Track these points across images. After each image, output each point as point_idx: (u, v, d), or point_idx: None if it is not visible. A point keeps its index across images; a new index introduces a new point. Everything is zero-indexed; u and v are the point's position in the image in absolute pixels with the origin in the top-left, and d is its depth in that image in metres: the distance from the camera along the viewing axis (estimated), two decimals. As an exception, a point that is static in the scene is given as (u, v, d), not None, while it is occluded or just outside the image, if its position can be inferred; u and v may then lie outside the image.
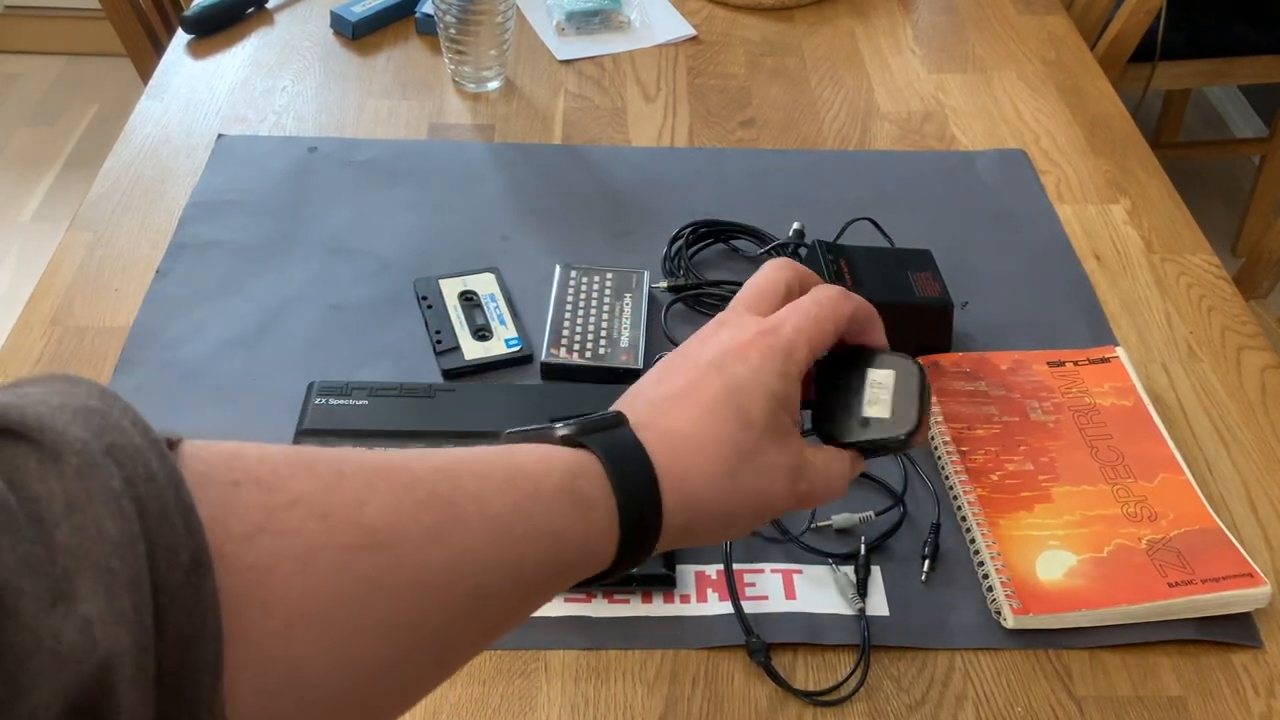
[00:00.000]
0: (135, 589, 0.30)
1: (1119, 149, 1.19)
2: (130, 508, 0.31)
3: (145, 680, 0.30)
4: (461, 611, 0.41)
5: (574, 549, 0.45)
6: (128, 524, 0.30)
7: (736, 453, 0.50)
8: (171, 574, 0.31)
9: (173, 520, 0.32)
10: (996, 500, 0.80)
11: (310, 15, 1.34)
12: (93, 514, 0.30)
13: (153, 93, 1.21)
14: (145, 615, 0.30)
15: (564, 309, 0.94)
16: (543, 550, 0.44)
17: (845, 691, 0.70)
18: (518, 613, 0.44)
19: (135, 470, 0.32)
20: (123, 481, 0.31)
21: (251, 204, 1.06)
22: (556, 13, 1.35)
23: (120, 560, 0.30)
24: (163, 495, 0.32)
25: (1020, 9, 1.43)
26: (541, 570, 0.44)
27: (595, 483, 0.46)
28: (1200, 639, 0.74)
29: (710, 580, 0.76)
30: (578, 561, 0.46)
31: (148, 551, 0.31)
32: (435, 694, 0.69)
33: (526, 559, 0.43)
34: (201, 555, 0.32)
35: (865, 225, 1.03)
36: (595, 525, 0.46)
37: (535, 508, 0.44)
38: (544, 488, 0.44)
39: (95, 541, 0.30)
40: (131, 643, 0.29)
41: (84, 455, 0.31)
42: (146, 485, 0.32)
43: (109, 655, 0.29)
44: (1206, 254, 1.06)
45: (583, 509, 0.45)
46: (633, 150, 1.16)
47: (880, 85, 1.28)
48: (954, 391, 0.87)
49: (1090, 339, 0.95)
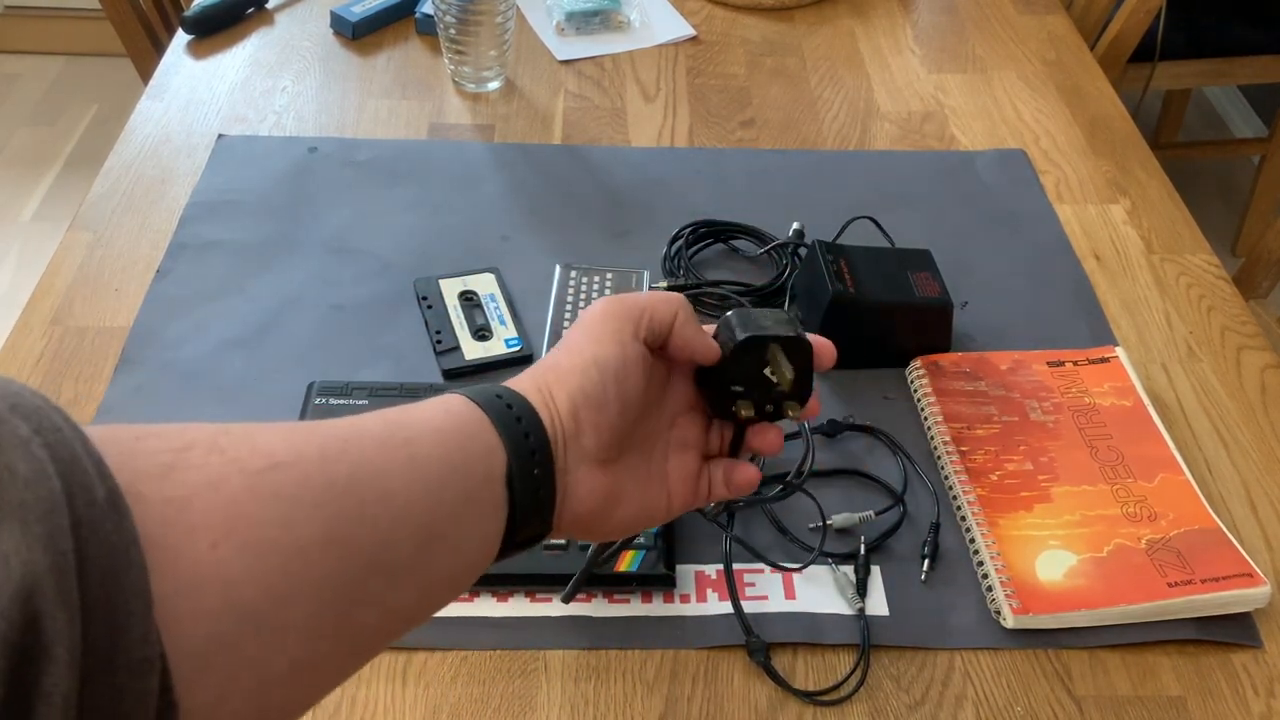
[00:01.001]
0: (48, 518, 0.30)
1: (1119, 149, 1.19)
2: (41, 452, 0.31)
3: (70, 604, 0.30)
4: (382, 522, 0.42)
5: (453, 441, 0.47)
6: (39, 463, 0.31)
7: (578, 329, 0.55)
8: (89, 509, 0.32)
9: (83, 464, 0.32)
10: (996, 500, 0.80)
11: (310, 15, 1.35)
12: (2, 460, 0.30)
13: (153, 93, 1.21)
14: (63, 541, 0.30)
15: (564, 309, 0.94)
16: (430, 448, 0.46)
17: (845, 691, 0.70)
18: (438, 530, 0.45)
19: (41, 423, 0.32)
20: (30, 431, 0.32)
21: (252, 204, 1.06)
22: (556, 13, 1.35)
23: (32, 494, 0.30)
24: (71, 444, 0.33)
25: (1020, 9, 1.43)
26: (437, 465, 0.46)
27: (458, 400, 0.50)
28: (1200, 639, 0.74)
29: (710, 580, 0.76)
30: (465, 450, 0.48)
31: (63, 489, 0.31)
32: (435, 694, 0.69)
33: (418, 457, 0.45)
34: (116, 495, 0.33)
35: (865, 225, 1.03)
36: (470, 420, 0.49)
37: (407, 418, 0.47)
38: (412, 410, 0.48)
39: (9, 484, 0.30)
40: (49, 563, 0.30)
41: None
42: (53, 435, 0.32)
43: (28, 579, 0.29)
44: (1206, 254, 1.06)
45: (451, 411, 0.49)
46: (633, 150, 1.16)
47: (880, 85, 1.28)
48: (954, 391, 0.87)
49: (1090, 339, 0.95)
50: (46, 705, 0.29)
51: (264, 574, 0.37)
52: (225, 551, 0.36)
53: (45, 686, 0.29)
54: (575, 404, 0.52)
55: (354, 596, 0.41)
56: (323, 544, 0.39)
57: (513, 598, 0.74)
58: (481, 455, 0.48)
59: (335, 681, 0.43)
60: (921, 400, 0.88)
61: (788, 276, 0.98)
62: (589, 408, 0.52)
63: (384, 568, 0.42)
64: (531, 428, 0.50)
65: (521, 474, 0.49)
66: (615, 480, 0.54)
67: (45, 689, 0.29)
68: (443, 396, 0.50)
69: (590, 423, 0.52)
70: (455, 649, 0.72)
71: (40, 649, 0.29)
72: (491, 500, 0.48)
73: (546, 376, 0.53)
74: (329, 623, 0.40)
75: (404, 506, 0.43)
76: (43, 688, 0.29)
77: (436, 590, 0.46)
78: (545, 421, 0.51)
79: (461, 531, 0.47)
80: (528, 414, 0.50)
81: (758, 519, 0.79)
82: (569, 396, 0.52)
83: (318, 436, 0.42)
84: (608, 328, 0.54)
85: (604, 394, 0.52)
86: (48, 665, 0.29)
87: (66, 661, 0.29)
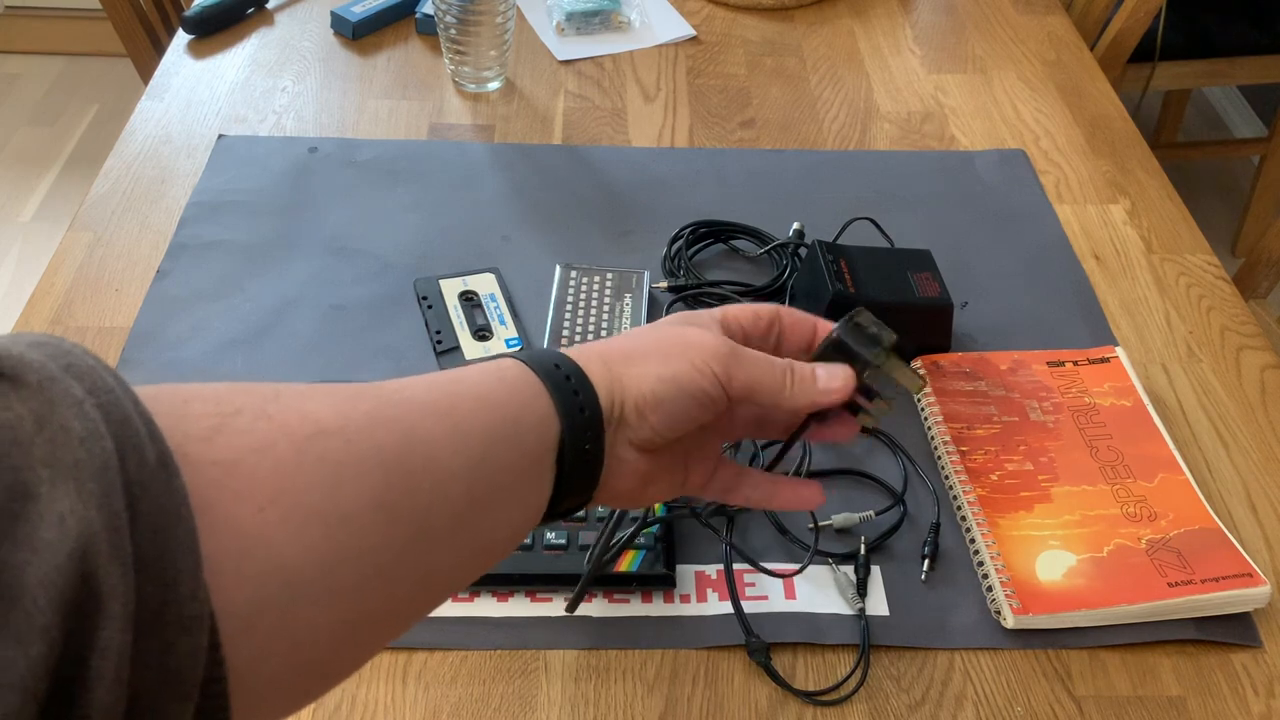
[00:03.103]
0: (102, 476, 0.31)
1: (1119, 149, 1.19)
2: (94, 412, 0.32)
3: (124, 560, 0.30)
4: (425, 490, 0.42)
5: (503, 410, 0.48)
6: (92, 423, 0.31)
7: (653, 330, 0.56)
8: (141, 470, 0.32)
9: (135, 425, 0.33)
10: (996, 500, 0.80)
11: (310, 15, 1.35)
12: (58, 419, 0.31)
13: (153, 93, 1.21)
14: (116, 500, 0.31)
15: (564, 309, 0.94)
16: (478, 416, 0.46)
17: (845, 691, 0.70)
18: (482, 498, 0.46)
19: (94, 383, 0.33)
20: (84, 391, 0.32)
21: (252, 204, 1.06)
22: (556, 13, 1.35)
23: (86, 452, 0.31)
24: (122, 404, 0.33)
25: (1020, 9, 1.43)
26: (484, 434, 0.46)
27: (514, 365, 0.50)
28: (1200, 639, 0.74)
29: (710, 580, 0.76)
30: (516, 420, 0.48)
31: (116, 449, 0.32)
32: (435, 694, 0.69)
33: (465, 425, 0.45)
34: (167, 456, 0.33)
35: (865, 225, 1.03)
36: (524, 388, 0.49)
37: (459, 386, 0.47)
38: (465, 375, 0.49)
39: (64, 443, 0.30)
40: (103, 522, 0.30)
41: (43, 372, 0.32)
42: (106, 395, 0.33)
43: (83, 538, 0.29)
44: (1206, 254, 1.06)
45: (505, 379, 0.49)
46: (633, 150, 1.16)
47: (880, 85, 1.28)
48: (954, 391, 0.87)
49: (1090, 339, 0.95)
50: (101, 659, 0.29)
51: (309, 539, 0.37)
52: (271, 516, 0.36)
53: (100, 641, 0.29)
54: (646, 406, 0.52)
55: (396, 563, 0.41)
56: (368, 511, 0.40)
57: (513, 598, 0.74)
58: (533, 426, 0.48)
59: (374, 648, 0.43)
60: (921, 400, 0.88)
61: (788, 277, 0.98)
62: (659, 416, 0.52)
63: (426, 535, 0.43)
64: (588, 403, 0.50)
65: (573, 448, 0.49)
66: (654, 466, 0.55)
67: (100, 643, 0.29)
68: (498, 361, 0.50)
69: (654, 426, 0.53)
70: (455, 649, 0.72)
71: (95, 604, 0.30)
72: (539, 472, 0.49)
73: (621, 364, 0.53)
74: (370, 590, 0.40)
75: (449, 475, 0.44)
76: (98, 642, 0.29)
77: (477, 557, 0.47)
78: (604, 402, 0.51)
79: (506, 500, 0.47)
80: (585, 389, 0.51)
81: (757, 519, 0.79)
82: (642, 396, 0.52)
83: (365, 402, 0.43)
84: (714, 367, 0.53)
85: (679, 412, 0.53)
86: (102, 620, 0.30)
87: (120, 616, 0.30)
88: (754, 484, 0.60)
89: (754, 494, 0.60)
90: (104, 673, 0.29)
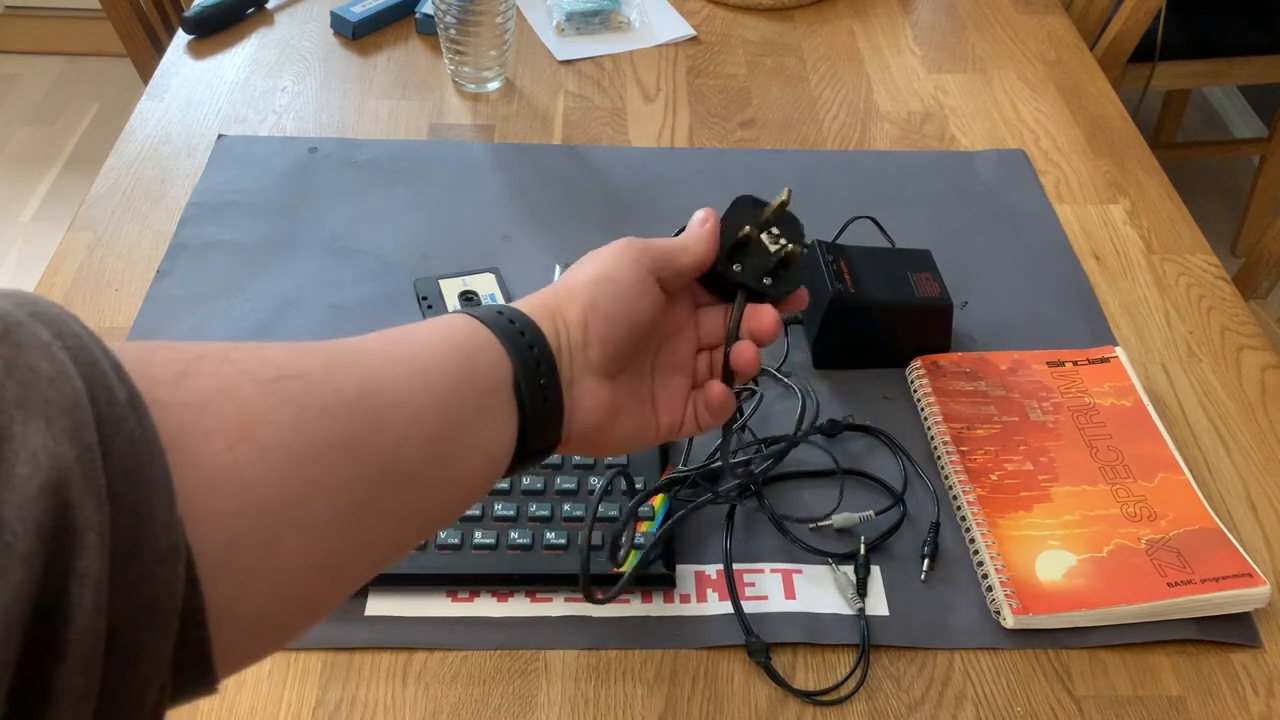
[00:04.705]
0: (73, 413, 0.31)
1: (1118, 149, 1.19)
2: (62, 354, 0.32)
3: (98, 492, 0.31)
4: (394, 429, 0.44)
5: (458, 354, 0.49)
6: (61, 364, 0.32)
7: None
8: (111, 408, 0.33)
9: (103, 367, 0.33)
10: (996, 500, 0.80)
11: (310, 15, 1.35)
12: (25, 361, 0.31)
13: (153, 93, 1.21)
14: (88, 435, 0.31)
15: (564, 309, 0.94)
16: (436, 360, 0.48)
17: (845, 691, 0.70)
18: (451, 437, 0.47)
19: (61, 329, 0.33)
20: (51, 335, 0.33)
21: (252, 204, 1.06)
22: (556, 13, 1.35)
23: (56, 391, 0.31)
24: (90, 349, 0.33)
25: (1020, 9, 1.43)
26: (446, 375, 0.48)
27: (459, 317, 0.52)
28: (1200, 639, 0.74)
29: (710, 580, 0.76)
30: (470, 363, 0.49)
31: (85, 388, 0.32)
32: (435, 694, 0.69)
33: (427, 368, 0.47)
34: (136, 396, 0.34)
35: (865, 225, 1.03)
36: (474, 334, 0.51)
37: (411, 334, 0.49)
38: (415, 327, 0.50)
39: (33, 384, 0.31)
40: (76, 455, 0.31)
41: (8, 318, 0.32)
42: (73, 340, 0.33)
43: (56, 470, 0.30)
44: (1206, 254, 1.06)
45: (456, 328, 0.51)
46: (633, 150, 1.16)
47: (880, 85, 1.28)
48: (954, 391, 0.87)
49: (1090, 339, 0.95)
50: (80, 587, 0.30)
51: (280, 476, 0.38)
52: (241, 454, 0.37)
53: (79, 569, 0.30)
54: (586, 316, 0.55)
55: (369, 501, 0.42)
56: (337, 448, 0.41)
57: (513, 598, 0.74)
58: (488, 368, 0.50)
59: (354, 583, 0.44)
60: (921, 400, 0.88)
61: (788, 276, 0.98)
62: (599, 320, 0.55)
63: (399, 473, 0.44)
64: (535, 340, 0.53)
65: (529, 384, 0.51)
66: (616, 395, 0.56)
67: (79, 571, 0.30)
68: (444, 317, 0.52)
69: (599, 335, 0.54)
70: (455, 649, 0.72)
71: (72, 535, 0.30)
72: (501, 409, 0.50)
73: (557, 295, 0.56)
74: (346, 526, 0.41)
75: (415, 414, 0.45)
76: (76, 570, 0.30)
77: (452, 496, 0.48)
78: (550, 336, 0.53)
79: (474, 439, 0.48)
80: (531, 329, 0.53)
81: (757, 519, 0.79)
82: (581, 309, 0.55)
83: (321, 353, 0.44)
84: (627, 256, 0.57)
85: (615, 309, 0.55)
86: (79, 550, 0.30)
87: (97, 545, 0.31)
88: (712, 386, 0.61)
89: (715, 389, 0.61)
90: (84, 601, 0.30)
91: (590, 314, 0.55)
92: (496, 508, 0.76)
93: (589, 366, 0.55)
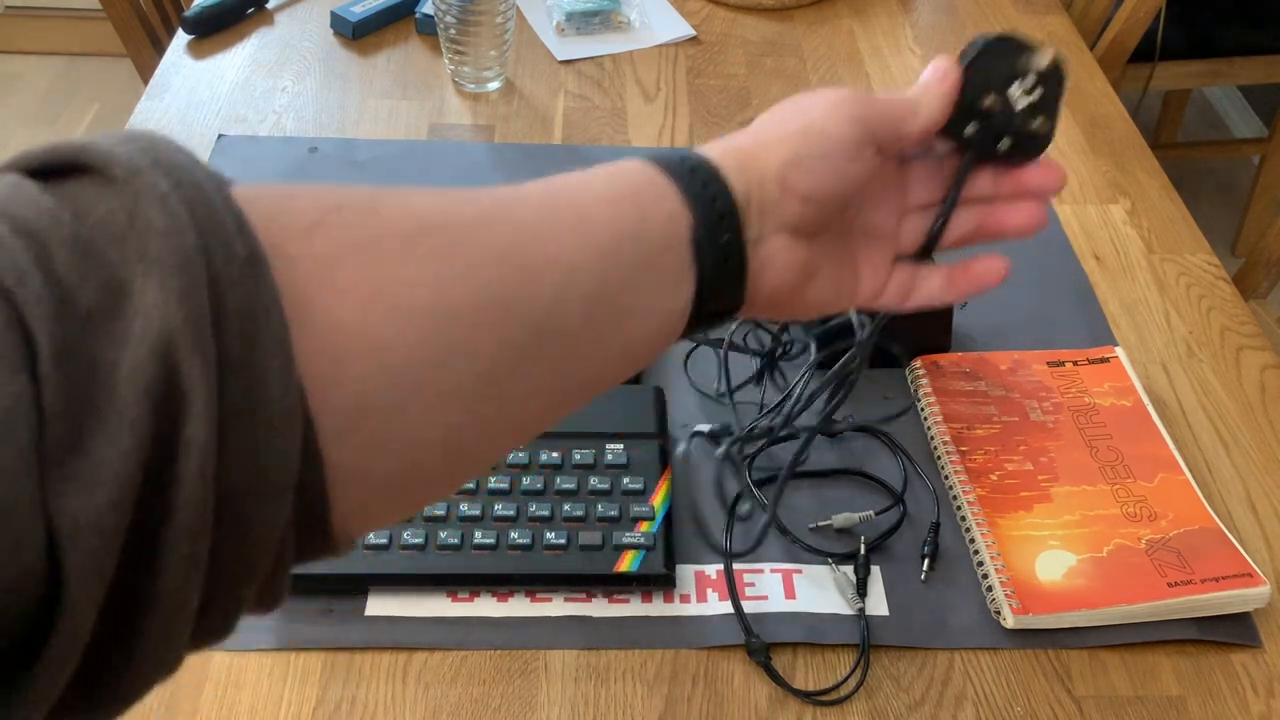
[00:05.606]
0: (185, 271, 0.30)
1: (1118, 149, 1.19)
2: (179, 207, 0.31)
3: (207, 357, 0.30)
4: (546, 286, 0.40)
5: (629, 204, 0.45)
6: (176, 218, 0.31)
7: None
8: (227, 266, 0.31)
9: (223, 221, 0.32)
10: (996, 500, 0.80)
11: (310, 15, 1.35)
12: (143, 213, 0.30)
13: (153, 93, 1.21)
14: (198, 295, 0.30)
15: (564, 309, 0.94)
16: (602, 210, 0.44)
17: (845, 691, 0.70)
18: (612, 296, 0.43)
19: (181, 178, 0.32)
20: (170, 185, 0.31)
21: (252, 204, 1.06)
22: (556, 13, 1.35)
23: (170, 246, 0.30)
24: (211, 201, 0.32)
25: (1020, 9, 1.43)
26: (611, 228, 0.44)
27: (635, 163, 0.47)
28: (1200, 639, 0.74)
29: (710, 580, 0.76)
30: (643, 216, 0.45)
31: (200, 244, 0.31)
32: (435, 694, 0.69)
33: (590, 219, 0.43)
34: (258, 253, 0.32)
35: (865, 225, 1.02)
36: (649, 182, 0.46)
37: (576, 181, 0.45)
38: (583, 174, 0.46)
39: (150, 237, 0.30)
40: (184, 315, 0.30)
41: (129, 166, 0.31)
42: (194, 190, 0.32)
43: (165, 332, 0.29)
44: (1206, 254, 1.06)
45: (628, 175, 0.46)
46: (633, 150, 1.16)
47: (880, 85, 1.28)
48: (954, 391, 0.87)
49: (1090, 339, 0.95)
50: (186, 454, 0.29)
51: (417, 338, 0.36)
52: (375, 314, 0.35)
53: (185, 435, 0.29)
54: (785, 172, 0.48)
55: (515, 363, 0.39)
56: (480, 308, 0.38)
57: (513, 598, 0.74)
58: (663, 220, 0.45)
59: (492, 453, 0.42)
60: (921, 400, 0.88)
61: (788, 276, 0.98)
62: (802, 176, 0.48)
63: (551, 334, 0.40)
64: (719, 192, 0.47)
65: (709, 241, 0.46)
66: (812, 255, 0.50)
67: (185, 438, 0.29)
68: (618, 162, 0.47)
69: (801, 194, 0.48)
70: (455, 649, 0.72)
71: (180, 398, 0.29)
72: (676, 267, 0.45)
73: (753, 143, 0.49)
74: (488, 390, 0.39)
75: (570, 270, 0.41)
76: (183, 437, 0.29)
77: (612, 361, 0.44)
78: (740, 188, 0.47)
79: (642, 299, 0.44)
80: (714, 179, 0.47)
81: (757, 519, 0.79)
82: (780, 163, 0.48)
83: (473, 203, 0.41)
84: (843, 110, 0.49)
85: (823, 168, 0.49)
86: (187, 416, 0.29)
87: (204, 413, 0.30)
88: (930, 277, 0.57)
89: (934, 286, 0.57)
90: (189, 469, 0.29)
91: (791, 170, 0.48)
92: (496, 508, 0.76)
93: (782, 223, 0.49)
